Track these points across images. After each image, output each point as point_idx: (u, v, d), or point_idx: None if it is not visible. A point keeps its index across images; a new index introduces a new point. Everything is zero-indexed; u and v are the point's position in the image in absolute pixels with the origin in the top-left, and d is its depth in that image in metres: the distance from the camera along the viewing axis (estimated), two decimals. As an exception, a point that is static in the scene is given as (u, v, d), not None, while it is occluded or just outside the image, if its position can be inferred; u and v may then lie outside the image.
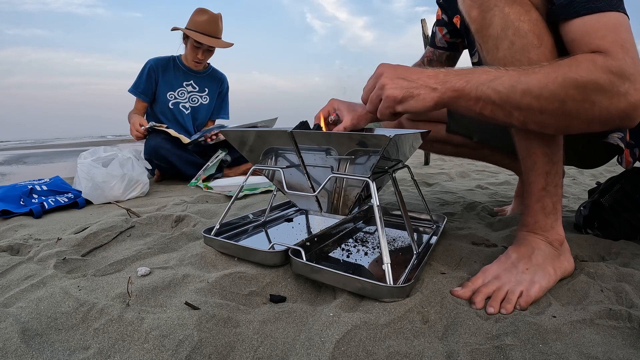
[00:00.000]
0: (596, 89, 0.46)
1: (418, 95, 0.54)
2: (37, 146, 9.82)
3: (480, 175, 1.99)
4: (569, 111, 0.48)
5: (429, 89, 0.53)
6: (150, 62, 1.84)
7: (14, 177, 2.81)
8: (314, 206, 0.73)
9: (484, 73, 0.52)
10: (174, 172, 1.72)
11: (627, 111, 0.47)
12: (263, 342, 0.45)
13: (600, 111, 0.47)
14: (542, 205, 0.60)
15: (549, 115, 0.49)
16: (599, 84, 0.46)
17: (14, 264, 0.66)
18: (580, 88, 0.47)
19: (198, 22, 1.75)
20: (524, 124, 0.52)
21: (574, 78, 0.47)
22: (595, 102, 0.47)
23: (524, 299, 0.53)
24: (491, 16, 0.54)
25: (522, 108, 0.50)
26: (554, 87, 0.47)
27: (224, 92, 2.02)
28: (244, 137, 0.68)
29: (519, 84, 0.49)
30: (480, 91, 0.51)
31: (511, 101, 0.50)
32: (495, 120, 0.53)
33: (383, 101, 0.56)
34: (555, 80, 0.47)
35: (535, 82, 0.48)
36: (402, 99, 0.55)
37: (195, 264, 0.65)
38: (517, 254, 0.60)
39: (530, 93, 0.48)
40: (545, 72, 0.48)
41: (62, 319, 0.48)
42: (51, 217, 1.05)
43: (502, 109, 0.51)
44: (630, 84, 0.46)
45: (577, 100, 0.47)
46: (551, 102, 0.48)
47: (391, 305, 0.51)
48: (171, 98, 1.85)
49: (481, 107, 0.52)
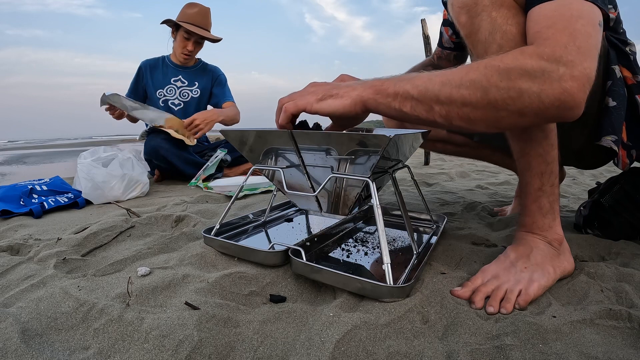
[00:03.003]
0: (522, 74, 0.43)
1: (337, 95, 0.53)
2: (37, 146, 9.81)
3: (480, 175, 1.99)
4: (494, 101, 0.45)
5: (350, 89, 0.53)
6: (141, 63, 1.90)
7: (14, 177, 2.81)
8: (314, 206, 0.73)
9: (408, 75, 0.51)
10: (174, 172, 1.73)
11: (562, 99, 0.43)
12: (263, 342, 0.44)
13: (531, 99, 0.44)
14: (538, 205, 0.61)
15: (473, 108, 0.46)
16: (525, 69, 0.43)
17: (14, 264, 0.66)
18: (504, 74, 0.44)
19: (188, 13, 1.77)
20: (448, 120, 0.49)
21: (496, 65, 0.45)
22: (523, 89, 0.43)
23: (522, 298, 0.53)
24: (479, 21, 0.54)
25: (443, 101, 0.47)
26: (474, 75, 0.45)
27: (222, 81, 2.01)
28: (244, 137, 0.68)
29: (438, 77, 0.48)
30: (399, 87, 0.50)
31: (429, 94, 0.47)
32: (418, 119, 0.51)
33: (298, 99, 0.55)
34: (476, 69, 0.45)
35: (456, 73, 0.47)
36: (321, 97, 0.54)
37: (195, 264, 0.65)
38: (516, 253, 0.60)
39: (449, 83, 0.46)
40: (467, 65, 0.47)
41: (62, 319, 0.48)
42: (51, 217, 1.05)
43: (422, 104, 0.48)
44: (567, 70, 0.42)
45: (501, 88, 0.44)
46: (473, 91, 0.45)
47: (391, 305, 0.51)
48: (160, 96, 1.87)
49: (400, 103, 0.50)
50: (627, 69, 0.71)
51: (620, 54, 0.70)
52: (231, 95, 2.02)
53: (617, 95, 0.68)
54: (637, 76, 0.70)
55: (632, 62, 0.71)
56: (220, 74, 2.01)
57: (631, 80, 0.70)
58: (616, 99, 0.68)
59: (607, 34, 0.71)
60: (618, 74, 0.69)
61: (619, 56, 0.70)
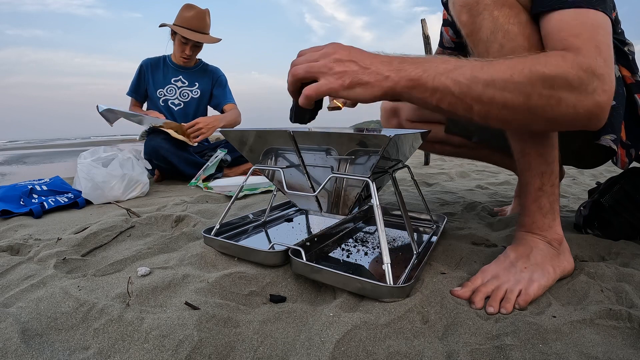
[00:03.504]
0: (564, 85, 0.44)
1: (367, 84, 0.48)
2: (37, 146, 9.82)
3: (480, 175, 1.99)
4: (534, 107, 0.45)
5: (381, 77, 0.48)
6: (142, 62, 1.90)
7: (14, 177, 2.81)
8: (314, 206, 0.73)
9: (443, 62, 0.48)
10: (174, 172, 1.73)
11: (594, 111, 0.45)
12: (263, 342, 0.44)
13: (567, 109, 0.45)
14: (538, 205, 0.61)
15: (513, 111, 0.46)
16: (567, 79, 0.44)
17: (14, 264, 0.66)
18: (548, 82, 0.44)
19: (185, 17, 1.76)
20: (485, 119, 0.48)
21: (542, 71, 0.44)
22: (562, 99, 0.44)
23: (522, 298, 0.53)
24: (481, 20, 0.53)
25: (484, 101, 0.46)
26: (519, 79, 0.45)
27: (223, 83, 2.01)
28: (244, 137, 0.68)
29: (482, 74, 0.46)
30: (438, 81, 0.47)
31: (472, 93, 0.46)
32: (453, 114, 0.49)
33: (324, 80, 0.49)
34: (521, 72, 0.45)
35: (500, 74, 0.45)
36: (350, 84, 0.49)
37: (195, 264, 0.65)
38: (516, 253, 0.60)
39: (493, 85, 0.45)
40: (510, 64, 0.46)
41: (62, 319, 0.48)
42: (51, 217, 1.05)
43: (462, 102, 0.47)
44: (599, 83, 0.44)
45: (543, 96, 0.45)
46: (516, 95, 0.45)
47: (391, 305, 0.51)
48: (161, 95, 1.87)
49: (438, 99, 0.48)
50: (626, 68, 0.71)
51: (619, 54, 0.70)
52: (232, 96, 2.03)
53: (616, 94, 0.68)
54: (636, 75, 0.70)
55: (631, 62, 0.71)
56: (220, 75, 2.01)
57: (630, 79, 0.70)
58: (615, 98, 0.68)
59: None
60: (617, 73, 0.69)
61: (618, 56, 0.70)
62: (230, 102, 1.99)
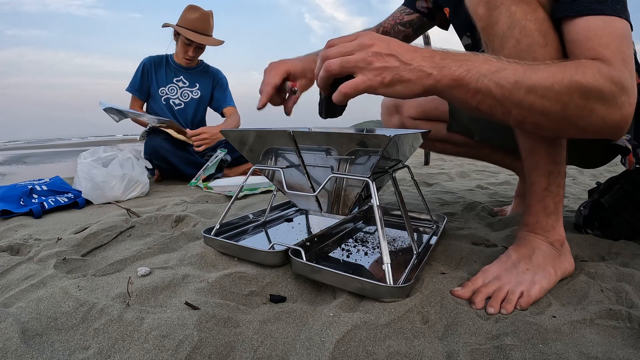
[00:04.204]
0: (599, 97, 0.45)
1: (408, 81, 0.46)
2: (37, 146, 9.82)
3: (480, 175, 1.99)
4: (569, 116, 0.47)
5: (423, 74, 0.46)
6: (144, 60, 1.89)
7: (14, 177, 2.81)
8: (314, 206, 0.73)
9: (486, 62, 0.47)
10: (174, 172, 1.73)
11: (620, 123, 0.47)
12: (263, 342, 0.44)
13: (597, 120, 0.47)
14: (543, 205, 0.60)
15: (549, 118, 0.47)
16: (602, 92, 0.45)
17: (14, 264, 0.66)
18: (585, 93, 0.45)
19: (189, 19, 1.75)
20: (521, 124, 0.50)
21: (581, 82, 0.45)
22: (595, 110, 0.46)
23: (524, 300, 0.53)
24: (497, 14, 0.52)
25: (524, 107, 0.47)
26: (559, 88, 0.45)
27: (224, 85, 2.01)
28: (244, 137, 0.68)
29: (525, 80, 0.45)
30: (482, 83, 0.46)
31: (513, 98, 0.46)
32: (489, 116, 0.49)
33: (362, 76, 0.46)
34: (561, 82, 0.45)
35: (542, 81, 0.45)
36: (390, 82, 0.46)
37: (195, 264, 0.65)
38: (518, 254, 0.60)
39: (535, 92, 0.46)
40: (551, 71, 0.46)
41: (62, 319, 0.48)
42: (51, 217, 1.05)
43: (502, 106, 0.47)
44: (627, 97, 0.46)
45: (579, 106, 0.46)
46: (555, 104, 0.46)
47: (391, 305, 0.51)
48: (163, 94, 1.87)
49: (479, 101, 0.47)
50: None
51: None
52: (232, 99, 2.03)
53: None
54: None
55: (637, 62, 0.71)
56: (221, 77, 2.01)
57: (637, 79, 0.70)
58: None
59: None
60: None
61: None
62: (230, 105, 1.99)
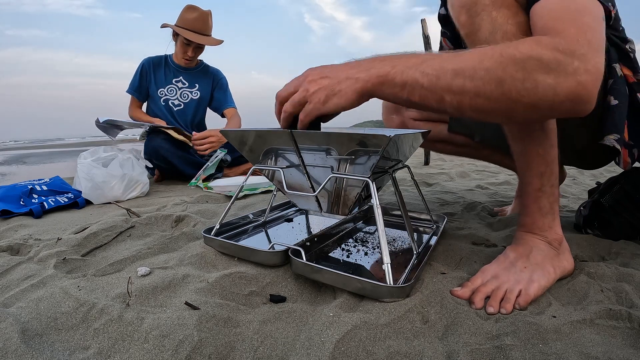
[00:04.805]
0: (539, 66, 0.43)
1: (340, 91, 0.50)
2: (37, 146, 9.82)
3: (480, 175, 1.99)
4: (509, 92, 0.44)
5: (352, 81, 0.50)
6: (143, 61, 1.89)
7: (14, 177, 2.81)
8: (314, 206, 0.73)
9: (413, 57, 0.48)
10: (174, 172, 1.73)
11: (577, 92, 0.43)
12: (263, 342, 0.44)
13: (545, 92, 0.43)
14: (538, 205, 0.61)
15: (487, 99, 0.45)
16: (541, 60, 0.42)
17: (14, 264, 0.66)
18: (520, 64, 0.43)
19: (188, 19, 1.75)
20: (460, 110, 0.48)
21: (513, 54, 0.43)
22: (539, 81, 0.43)
23: (523, 298, 0.53)
24: (479, 21, 0.53)
25: (455, 91, 0.45)
26: (489, 64, 0.44)
27: (224, 86, 2.00)
28: (244, 137, 0.68)
29: (450, 64, 0.45)
30: (407, 75, 0.47)
31: (441, 84, 0.46)
32: (427, 107, 0.49)
33: (309, 104, 0.52)
34: (491, 57, 0.44)
35: (469, 61, 0.45)
36: (326, 99, 0.51)
37: (195, 264, 0.65)
38: (515, 253, 0.60)
39: (462, 73, 0.45)
40: (481, 51, 0.45)
41: (62, 319, 0.48)
42: (51, 217, 1.05)
43: (433, 93, 0.47)
44: (581, 63, 0.42)
45: (517, 79, 0.43)
46: (488, 82, 0.44)
47: (391, 305, 0.51)
48: (162, 95, 1.87)
49: (409, 92, 0.48)
50: (627, 67, 0.70)
51: (620, 53, 0.70)
52: (233, 100, 2.02)
53: (618, 93, 0.68)
54: (638, 74, 0.70)
55: (632, 60, 0.71)
56: (221, 78, 2.00)
57: (632, 78, 0.70)
58: (618, 97, 0.67)
59: (608, 32, 0.71)
60: (619, 72, 0.69)
61: (620, 54, 0.70)
62: (231, 106, 1.98)
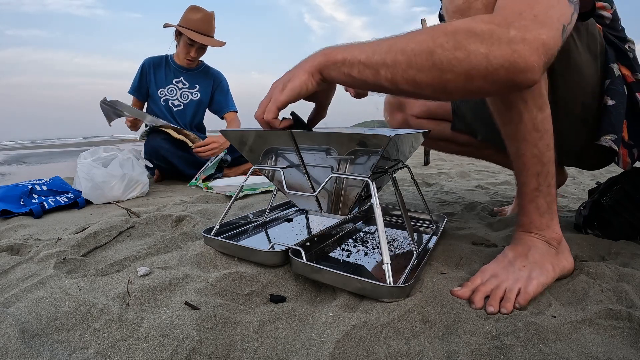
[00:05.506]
0: (470, 36, 0.43)
1: (293, 77, 0.53)
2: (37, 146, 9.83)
3: (480, 175, 1.99)
4: (440, 62, 0.44)
5: (300, 65, 0.54)
6: (144, 61, 1.89)
7: (14, 177, 2.81)
8: (314, 206, 0.73)
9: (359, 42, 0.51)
10: (174, 172, 1.73)
11: (512, 60, 0.42)
12: (263, 342, 0.45)
13: (478, 60, 0.42)
14: (536, 205, 0.61)
15: (418, 70, 0.45)
16: (473, 31, 0.43)
17: (14, 264, 0.66)
18: (450, 35, 0.44)
19: (192, 19, 1.75)
20: (394, 83, 0.48)
21: (444, 27, 0.45)
22: (470, 50, 0.43)
23: (522, 297, 0.53)
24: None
25: (388, 64, 0.47)
26: (421, 37, 0.45)
27: (225, 88, 2.00)
28: (244, 137, 0.68)
29: (387, 41, 0.48)
30: (347, 52, 0.50)
31: (376, 58, 0.48)
32: (365, 84, 0.51)
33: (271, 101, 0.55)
34: (424, 32, 0.46)
35: (404, 37, 0.47)
36: (284, 87, 0.54)
37: (195, 264, 0.65)
38: (514, 252, 0.60)
39: (395, 46, 0.47)
40: (417, 30, 0.48)
41: (62, 319, 0.48)
42: (51, 217, 1.05)
43: (369, 68, 0.48)
44: (518, 33, 0.42)
45: (447, 49, 0.43)
46: (418, 53, 0.45)
47: (391, 305, 0.51)
48: (162, 95, 1.87)
49: (348, 68, 0.50)
50: (626, 67, 0.70)
51: (618, 52, 0.70)
52: (234, 103, 2.02)
53: (616, 93, 0.68)
54: (637, 74, 0.70)
55: (632, 60, 0.70)
56: (222, 80, 1.99)
57: (631, 78, 0.70)
58: (615, 97, 0.67)
59: (605, 32, 0.71)
60: (617, 72, 0.69)
61: (618, 54, 0.70)
62: (231, 109, 1.97)
